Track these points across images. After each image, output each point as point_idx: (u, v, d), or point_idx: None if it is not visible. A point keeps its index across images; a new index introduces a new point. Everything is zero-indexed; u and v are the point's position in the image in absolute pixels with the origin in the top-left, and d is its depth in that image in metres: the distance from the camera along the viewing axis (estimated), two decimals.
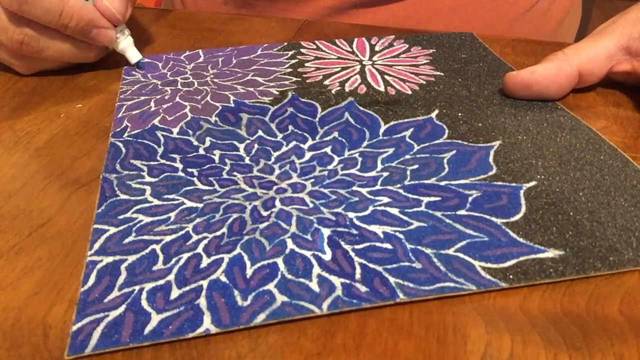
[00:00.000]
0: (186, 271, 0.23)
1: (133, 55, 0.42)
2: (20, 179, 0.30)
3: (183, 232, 0.25)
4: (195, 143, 0.32)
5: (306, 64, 0.42)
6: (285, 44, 0.45)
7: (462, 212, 0.26)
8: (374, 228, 0.25)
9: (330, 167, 0.30)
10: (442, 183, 0.28)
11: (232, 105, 0.36)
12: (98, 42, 0.40)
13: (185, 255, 0.24)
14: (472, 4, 0.54)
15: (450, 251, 0.24)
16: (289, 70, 0.41)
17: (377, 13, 0.54)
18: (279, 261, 0.24)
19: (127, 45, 0.42)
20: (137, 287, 0.23)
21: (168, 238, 0.25)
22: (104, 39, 0.40)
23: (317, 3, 0.54)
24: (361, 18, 0.53)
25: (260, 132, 0.33)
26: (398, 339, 0.21)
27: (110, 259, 0.24)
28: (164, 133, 0.33)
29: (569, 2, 0.60)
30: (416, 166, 0.30)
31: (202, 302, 0.22)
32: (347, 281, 0.23)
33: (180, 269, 0.23)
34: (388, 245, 0.24)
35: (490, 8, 0.54)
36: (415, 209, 0.26)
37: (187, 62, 0.43)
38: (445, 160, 0.30)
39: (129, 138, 0.33)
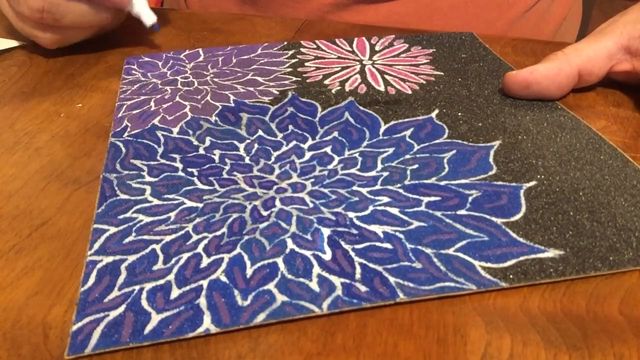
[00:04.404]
0: (186, 271, 0.23)
1: (148, 17, 0.43)
2: (20, 179, 0.30)
3: (183, 232, 0.25)
4: (195, 143, 0.32)
5: (306, 64, 0.42)
6: (285, 43, 0.45)
7: (462, 211, 0.26)
8: (374, 228, 0.25)
9: (330, 166, 0.30)
10: (442, 183, 0.28)
11: (232, 104, 0.36)
12: (113, 3, 0.41)
13: (185, 255, 0.24)
14: (472, 3, 0.54)
15: (450, 251, 0.24)
16: (289, 69, 0.41)
17: (378, 10, 0.54)
18: (279, 261, 0.24)
19: (141, 7, 0.42)
20: (137, 287, 0.23)
21: (168, 238, 0.25)
22: None
23: (319, 0, 0.54)
24: (362, 14, 0.53)
25: (260, 132, 0.33)
26: (398, 339, 0.21)
27: (110, 258, 0.24)
28: (164, 133, 0.33)
29: (569, 2, 0.60)
30: (416, 166, 0.30)
31: (202, 301, 0.22)
32: (347, 281, 0.23)
33: (180, 268, 0.23)
34: (388, 245, 0.24)
35: (490, 7, 0.54)
36: (415, 209, 0.26)
37: (187, 61, 0.43)
38: (445, 160, 0.30)
39: (129, 138, 0.33)
